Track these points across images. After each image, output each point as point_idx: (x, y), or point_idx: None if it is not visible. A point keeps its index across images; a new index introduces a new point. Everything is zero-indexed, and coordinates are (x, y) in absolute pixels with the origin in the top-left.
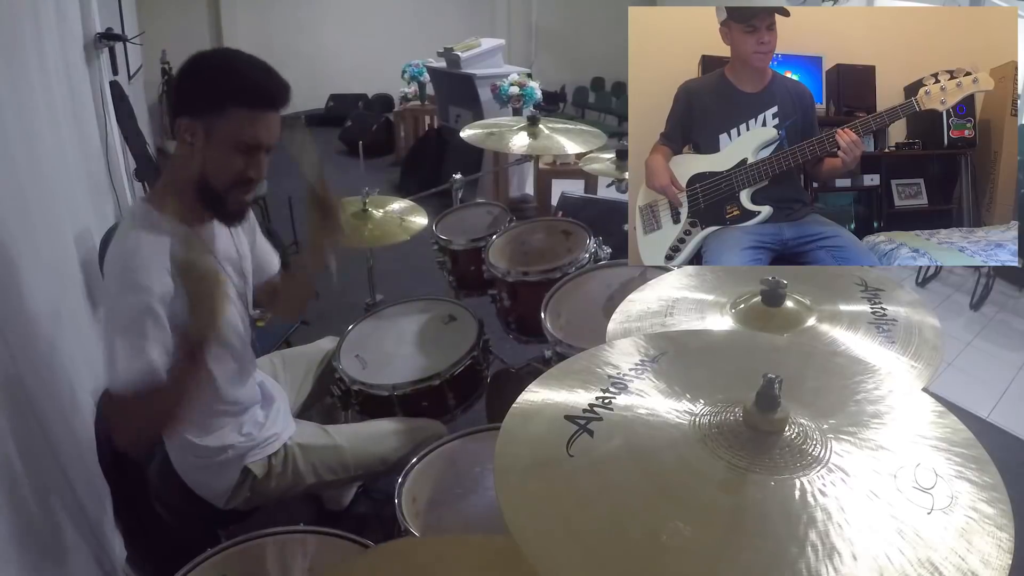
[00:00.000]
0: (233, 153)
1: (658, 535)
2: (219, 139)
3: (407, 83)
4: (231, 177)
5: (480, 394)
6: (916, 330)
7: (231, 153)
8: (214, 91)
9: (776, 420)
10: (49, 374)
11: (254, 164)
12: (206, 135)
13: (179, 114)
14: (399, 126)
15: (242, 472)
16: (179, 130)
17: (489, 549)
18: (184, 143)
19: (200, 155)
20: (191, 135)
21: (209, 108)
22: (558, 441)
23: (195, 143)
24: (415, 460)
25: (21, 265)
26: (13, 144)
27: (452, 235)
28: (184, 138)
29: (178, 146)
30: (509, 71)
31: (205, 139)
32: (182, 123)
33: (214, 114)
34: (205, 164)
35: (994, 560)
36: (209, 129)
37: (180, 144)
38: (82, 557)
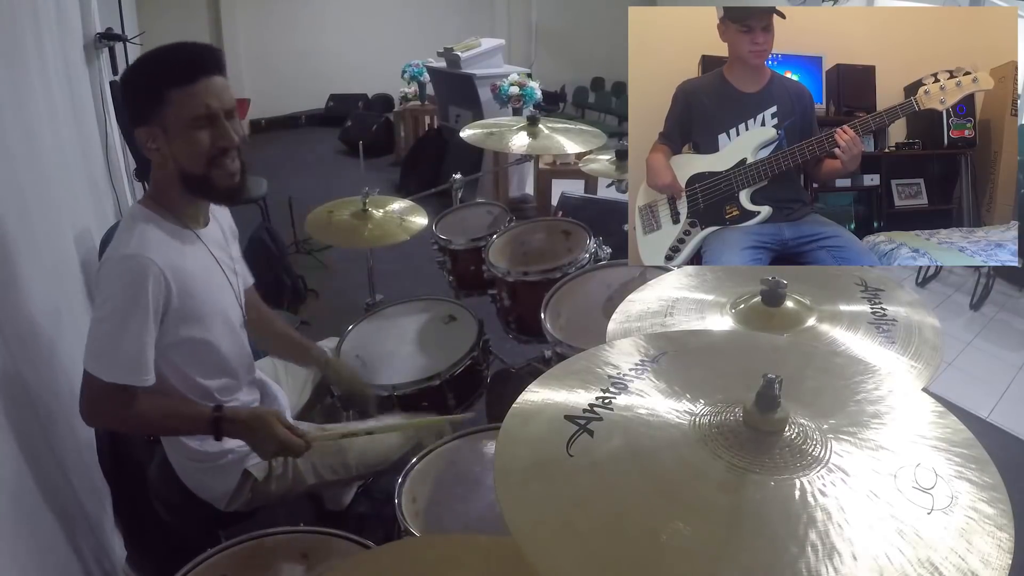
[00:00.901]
0: (194, 132)
1: (658, 535)
2: (175, 126)
3: (407, 83)
4: (204, 154)
5: (480, 394)
6: (916, 330)
7: (192, 132)
8: (147, 88)
9: (776, 420)
10: (49, 374)
11: (220, 133)
12: (163, 131)
13: (135, 128)
14: (399, 126)
15: (242, 475)
16: (141, 142)
17: (489, 549)
18: (151, 151)
19: (168, 151)
20: (152, 140)
21: (151, 105)
22: (558, 441)
23: (159, 145)
24: (415, 460)
25: (21, 265)
26: (13, 144)
27: (452, 235)
28: (149, 147)
29: (149, 156)
30: (509, 71)
31: (164, 135)
32: (140, 133)
33: (158, 107)
34: (177, 155)
35: (994, 560)
36: (163, 124)
37: (148, 153)
38: (82, 557)
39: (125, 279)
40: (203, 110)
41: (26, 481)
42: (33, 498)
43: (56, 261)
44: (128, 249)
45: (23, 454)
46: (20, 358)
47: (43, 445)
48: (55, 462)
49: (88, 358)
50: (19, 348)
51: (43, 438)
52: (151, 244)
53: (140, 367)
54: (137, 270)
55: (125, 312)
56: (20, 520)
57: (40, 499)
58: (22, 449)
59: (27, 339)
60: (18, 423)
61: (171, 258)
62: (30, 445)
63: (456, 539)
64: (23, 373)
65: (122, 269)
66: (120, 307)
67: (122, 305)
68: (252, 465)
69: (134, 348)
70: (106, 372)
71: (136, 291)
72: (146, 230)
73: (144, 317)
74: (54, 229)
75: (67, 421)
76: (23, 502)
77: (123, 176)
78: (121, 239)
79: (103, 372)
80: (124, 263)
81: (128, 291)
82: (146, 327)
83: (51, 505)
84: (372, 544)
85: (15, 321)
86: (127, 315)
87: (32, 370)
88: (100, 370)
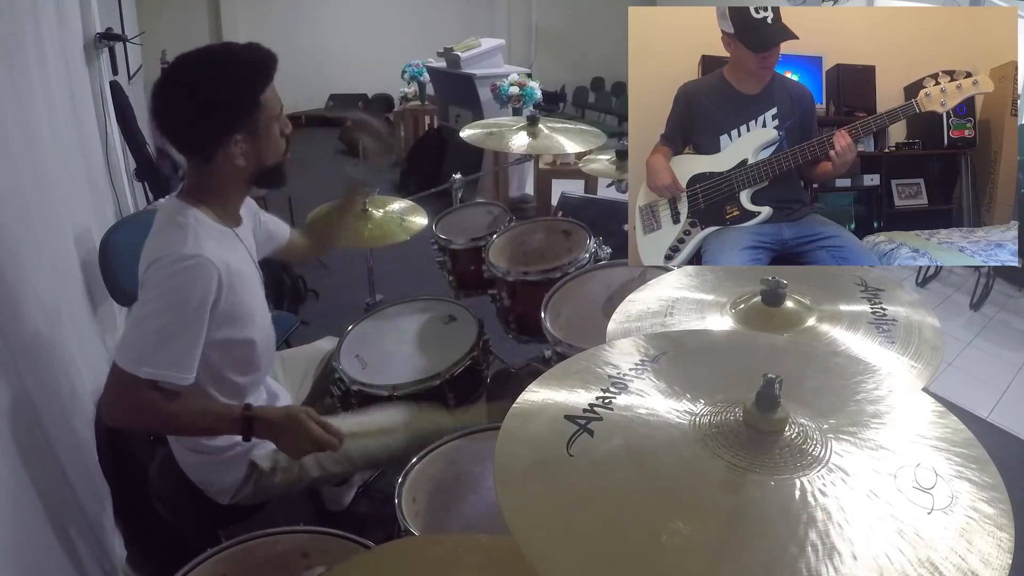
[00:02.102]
0: (274, 127)
1: (658, 535)
2: (264, 127)
3: (407, 83)
4: (283, 146)
5: (480, 394)
6: (916, 330)
7: (273, 129)
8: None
9: (776, 420)
10: (49, 373)
11: (284, 121)
12: (251, 135)
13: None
14: (399, 126)
15: (248, 466)
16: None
17: (489, 549)
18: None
19: (255, 154)
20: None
21: (248, 113)
22: (558, 441)
23: (246, 151)
24: (415, 460)
25: (21, 265)
26: (13, 144)
27: (452, 235)
28: (235, 154)
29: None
30: (509, 71)
31: (252, 139)
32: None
33: (253, 112)
34: (263, 156)
35: (994, 560)
36: (253, 127)
37: (233, 160)
38: (82, 557)
39: (185, 278)
40: (280, 104)
41: (26, 481)
42: (33, 498)
43: (56, 261)
44: (187, 249)
45: (23, 454)
46: (20, 358)
47: (43, 445)
48: (55, 462)
49: (125, 355)
50: (19, 348)
51: (43, 438)
52: (207, 245)
53: (185, 366)
54: (197, 270)
55: (180, 311)
56: (20, 520)
57: (40, 499)
58: (22, 449)
59: (27, 339)
60: (18, 423)
61: (225, 259)
62: (30, 445)
63: (456, 539)
64: (23, 373)
65: (180, 268)
66: (175, 306)
67: (178, 304)
68: (258, 456)
69: (185, 346)
70: (146, 369)
71: (194, 291)
72: (199, 230)
73: (200, 317)
74: (54, 229)
75: (67, 421)
76: (23, 502)
77: (123, 176)
78: (174, 237)
79: (142, 369)
80: (184, 262)
81: (186, 290)
82: (201, 327)
83: (51, 505)
84: (372, 544)
85: (15, 321)
86: (181, 314)
87: (32, 370)
88: (139, 367)
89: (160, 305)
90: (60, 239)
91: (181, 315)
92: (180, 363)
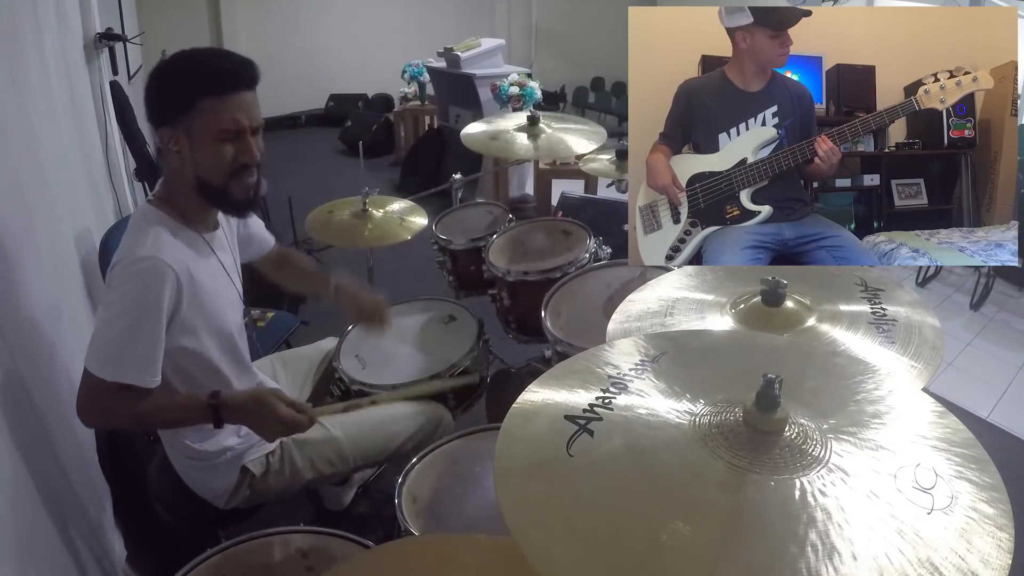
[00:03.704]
0: (218, 144)
1: (658, 535)
2: (200, 135)
3: (407, 83)
4: (225, 168)
5: (480, 394)
6: (916, 330)
7: (217, 145)
8: (180, 92)
9: (776, 420)
10: (49, 373)
11: (243, 149)
12: (188, 137)
13: (158, 126)
14: (399, 126)
15: (241, 471)
16: (163, 141)
17: (489, 549)
18: (171, 152)
19: (189, 157)
20: (175, 142)
21: (181, 109)
22: (558, 441)
23: (181, 148)
24: (415, 460)
25: (21, 265)
26: (13, 144)
27: (452, 235)
28: (170, 148)
29: (167, 156)
30: (509, 71)
31: (188, 141)
32: (163, 133)
33: (187, 113)
34: (197, 164)
35: (994, 560)
36: (188, 130)
37: (168, 154)
38: (82, 557)
39: (140, 280)
40: (232, 125)
41: (25, 481)
42: (32, 498)
43: (56, 261)
44: (144, 251)
45: (22, 454)
46: (20, 358)
47: (43, 445)
48: (55, 462)
49: (92, 358)
50: (19, 348)
51: (43, 438)
52: (166, 247)
53: (149, 369)
54: (153, 272)
55: (139, 313)
56: (19, 520)
57: (39, 499)
58: (21, 449)
59: (27, 339)
60: (18, 423)
61: (185, 264)
62: (30, 445)
63: (456, 539)
64: (23, 373)
65: (137, 270)
66: (134, 308)
67: (137, 306)
68: (250, 461)
69: (146, 350)
70: (112, 372)
71: (151, 293)
72: (160, 233)
73: (158, 319)
74: (54, 229)
75: (67, 421)
76: (22, 502)
77: (123, 176)
78: (135, 240)
79: (109, 372)
80: (139, 264)
81: (143, 292)
82: (159, 329)
83: (50, 505)
84: (372, 544)
85: (15, 321)
86: (141, 316)
87: (32, 370)
88: (105, 370)
89: (121, 308)
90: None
91: (140, 318)
92: (144, 367)
